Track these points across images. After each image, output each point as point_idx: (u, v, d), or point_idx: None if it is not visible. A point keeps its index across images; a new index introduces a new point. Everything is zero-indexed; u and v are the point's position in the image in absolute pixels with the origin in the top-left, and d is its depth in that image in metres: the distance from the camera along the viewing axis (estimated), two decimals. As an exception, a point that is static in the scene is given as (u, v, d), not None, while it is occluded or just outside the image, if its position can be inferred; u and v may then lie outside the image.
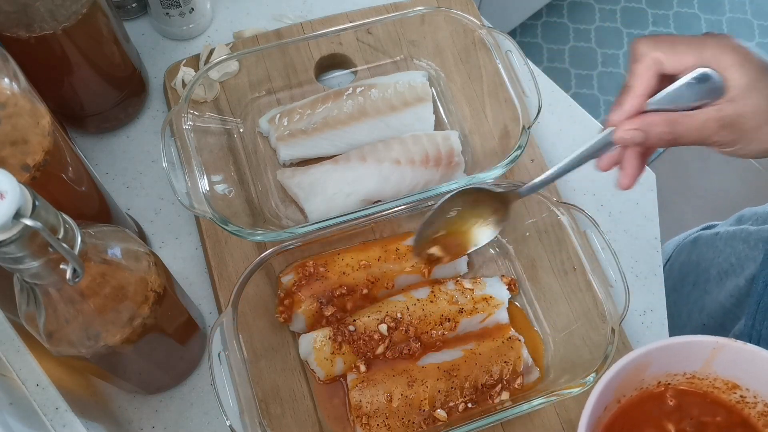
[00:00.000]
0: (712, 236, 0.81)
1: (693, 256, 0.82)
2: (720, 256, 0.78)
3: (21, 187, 0.33)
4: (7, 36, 0.55)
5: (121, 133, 0.72)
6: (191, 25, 0.77)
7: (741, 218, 0.82)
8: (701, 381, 0.49)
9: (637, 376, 0.48)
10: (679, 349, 0.47)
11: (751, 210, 0.81)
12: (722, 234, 0.80)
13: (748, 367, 0.46)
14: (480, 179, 0.62)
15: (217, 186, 0.62)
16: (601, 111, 1.84)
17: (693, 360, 0.48)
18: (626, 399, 0.49)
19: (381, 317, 0.60)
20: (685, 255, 0.83)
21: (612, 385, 0.45)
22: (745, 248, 0.74)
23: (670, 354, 0.47)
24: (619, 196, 0.73)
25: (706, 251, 0.80)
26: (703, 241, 0.82)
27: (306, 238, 0.59)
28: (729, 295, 0.74)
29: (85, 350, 0.45)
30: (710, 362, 0.47)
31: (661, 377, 0.49)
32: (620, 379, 0.46)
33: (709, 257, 0.80)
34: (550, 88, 0.79)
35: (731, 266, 0.76)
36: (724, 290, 0.75)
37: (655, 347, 0.46)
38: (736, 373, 0.47)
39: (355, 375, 0.58)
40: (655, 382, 0.49)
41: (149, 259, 0.47)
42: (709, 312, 0.78)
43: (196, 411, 0.60)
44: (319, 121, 0.69)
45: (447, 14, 0.70)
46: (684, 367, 0.48)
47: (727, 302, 0.74)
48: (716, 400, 0.49)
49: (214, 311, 0.65)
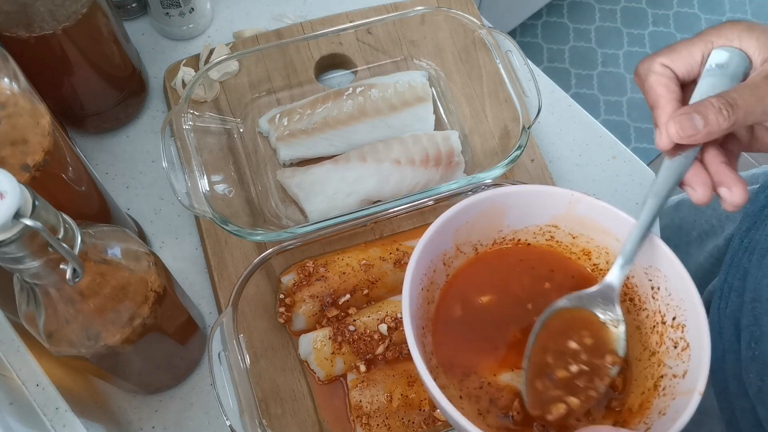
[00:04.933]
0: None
1: (676, 219, 0.82)
2: (702, 218, 0.78)
3: (21, 187, 0.33)
4: (7, 36, 0.55)
5: (121, 133, 0.72)
6: (191, 25, 0.77)
7: None
8: (559, 245, 0.49)
9: (494, 223, 0.47)
10: (536, 198, 0.47)
11: None
12: None
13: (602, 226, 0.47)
14: (480, 179, 0.62)
15: (217, 186, 0.62)
16: (601, 111, 1.84)
17: (550, 212, 0.48)
18: (483, 249, 0.49)
19: (381, 317, 0.60)
20: (668, 218, 0.84)
21: (462, 217, 0.44)
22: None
23: (527, 202, 0.47)
24: (619, 196, 0.73)
25: (689, 214, 0.81)
26: (686, 204, 0.83)
27: (306, 238, 0.59)
28: (709, 255, 0.75)
29: (85, 350, 0.45)
30: (566, 218, 0.47)
31: (520, 233, 0.48)
32: (472, 216, 0.45)
33: (691, 220, 0.80)
34: (550, 88, 0.79)
35: (712, 227, 0.76)
36: (705, 251, 0.76)
37: (509, 190, 0.46)
38: (590, 233, 0.48)
39: (355, 375, 0.58)
40: (513, 238, 0.49)
41: (149, 259, 0.47)
42: (690, 273, 0.78)
43: (196, 411, 0.60)
44: (319, 121, 0.69)
45: (447, 14, 0.70)
46: (542, 219, 0.48)
47: (706, 263, 0.75)
48: (571, 266, 0.50)
49: (214, 311, 0.65)
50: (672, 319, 0.46)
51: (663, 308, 0.46)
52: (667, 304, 0.46)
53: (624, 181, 0.74)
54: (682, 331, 0.45)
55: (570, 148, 0.75)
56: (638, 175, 0.74)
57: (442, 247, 0.46)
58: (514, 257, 0.50)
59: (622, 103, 1.86)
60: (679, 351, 0.44)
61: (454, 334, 0.47)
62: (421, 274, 0.44)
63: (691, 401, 0.40)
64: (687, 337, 0.44)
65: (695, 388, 0.40)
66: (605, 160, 0.75)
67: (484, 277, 0.49)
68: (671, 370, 0.44)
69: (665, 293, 0.46)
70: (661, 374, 0.45)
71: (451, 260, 0.48)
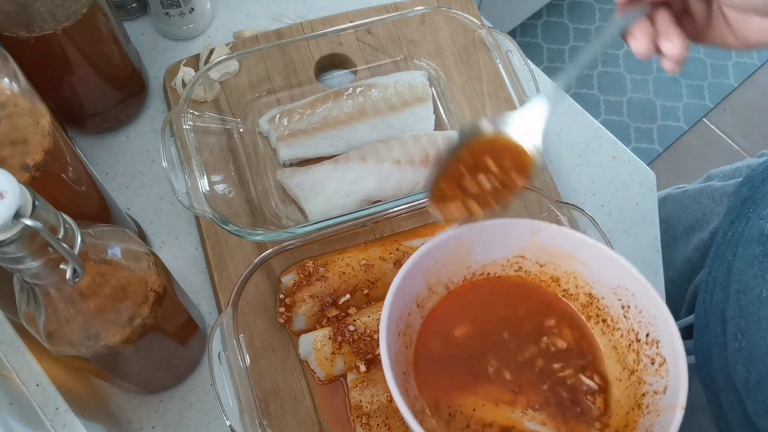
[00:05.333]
0: (680, 194, 0.83)
1: (662, 214, 0.82)
2: (687, 212, 0.79)
3: (21, 187, 0.33)
4: (7, 36, 0.55)
5: (121, 133, 0.72)
6: (191, 25, 0.77)
7: (709, 177, 0.83)
8: (527, 274, 0.50)
9: (462, 260, 0.48)
10: (500, 231, 0.48)
11: (718, 169, 0.83)
12: (690, 191, 0.81)
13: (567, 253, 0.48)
14: (480, 179, 0.62)
15: (217, 186, 0.62)
16: (601, 111, 1.84)
17: (516, 243, 0.48)
18: (455, 286, 0.49)
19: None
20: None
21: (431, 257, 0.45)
22: (711, 203, 0.76)
23: (492, 235, 0.48)
24: (619, 196, 0.73)
25: (674, 209, 0.82)
26: (672, 199, 0.83)
27: (306, 238, 0.59)
28: (695, 249, 0.75)
29: (85, 350, 0.45)
30: (532, 248, 0.48)
31: (489, 267, 0.49)
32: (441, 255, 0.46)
33: (676, 214, 0.81)
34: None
35: (697, 221, 0.77)
36: (691, 245, 0.77)
37: (473, 227, 0.46)
38: (557, 260, 0.49)
39: (355, 375, 0.58)
40: (483, 272, 0.49)
41: (149, 259, 0.47)
42: (677, 268, 0.79)
43: (196, 411, 0.60)
44: (319, 121, 0.69)
45: (447, 14, 0.70)
46: (509, 251, 0.49)
47: (693, 256, 0.75)
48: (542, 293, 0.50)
49: (214, 311, 0.65)
50: (645, 335, 0.46)
51: (636, 326, 0.47)
52: (639, 321, 0.47)
53: (624, 181, 0.74)
54: (657, 346, 0.45)
55: (570, 148, 0.75)
56: (638, 175, 0.74)
57: (414, 290, 0.47)
58: (486, 290, 0.51)
59: (622, 103, 1.86)
60: (656, 367, 0.45)
61: (436, 372, 0.47)
62: (396, 319, 0.45)
63: (674, 417, 0.40)
64: (662, 353, 0.45)
65: (677, 402, 0.41)
66: (605, 160, 0.75)
67: (459, 312, 0.50)
68: (652, 386, 0.45)
69: (636, 311, 0.47)
70: (642, 392, 0.45)
71: (425, 301, 0.48)
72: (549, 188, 0.69)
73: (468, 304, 0.50)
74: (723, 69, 1.93)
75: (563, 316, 0.50)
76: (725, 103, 1.89)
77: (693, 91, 1.90)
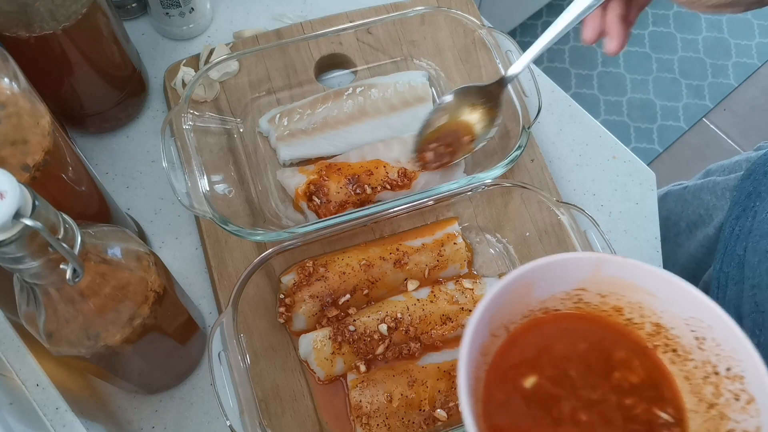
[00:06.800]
0: (681, 190, 0.83)
1: (663, 212, 0.82)
2: (689, 208, 0.79)
3: (21, 187, 0.33)
4: (7, 36, 0.55)
5: (121, 133, 0.72)
6: (191, 25, 0.77)
7: (708, 172, 0.83)
8: (588, 306, 0.48)
9: (523, 300, 0.46)
10: (562, 267, 0.46)
11: (717, 164, 0.82)
12: (690, 187, 0.81)
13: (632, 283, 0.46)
14: (480, 179, 0.62)
15: (217, 186, 0.62)
16: (601, 111, 1.84)
17: (576, 278, 0.47)
18: (515, 327, 0.47)
19: (381, 317, 0.60)
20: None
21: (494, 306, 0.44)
22: (713, 198, 0.75)
23: (552, 273, 0.46)
24: (619, 196, 0.73)
25: (675, 205, 0.81)
26: (672, 195, 0.83)
27: (306, 238, 0.59)
28: (699, 245, 0.75)
29: (85, 350, 0.45)
30: (594, 281, 0.47)
31: (548, 302, 0.48)
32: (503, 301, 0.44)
33: (678, 211, 0.81)
34: (550, 88, 0.79)
35: (700, 217, 0.77)
36: (695, 241, 0.76)
37: (534, 265, 0.45)
38: (620, 291, 0.47)
39: (355, 375, 0.58)
40: (542, 308, 0.48)
41: (149, 259, 0.47)
42: (682, 264, 0.79)
43: (196, 411, 0.60)
44: (319, 121, 0.69)
45: (447, 14, 0.70)
46: (569, 286, 0.47)
47: (698, 253, 0.75)
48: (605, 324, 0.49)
49: (214, 311, 0.65)
50: (726, 369, 0.44)
51: (713, 358, 0.44)
52: (717, 354, 0.44)
53: (624, 181, 0.74)
54: (741, 382, 0.43)
55: (570, 148, 0.75)
56: (638, 175, 0.74)
57: (480, 339, 0.44)
58: (546, 327, 0.49)
59: (622, 103, 1.86)
60: (743, 404, 0.42)
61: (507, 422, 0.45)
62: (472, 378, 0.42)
63: None
64: (748, 389, 0.42)
65: None
66: (605, 160, 0.75)
67: (522, 355, 0.47)
68: (739, 425, 0.42)
69: (712, 343, 0.44)
70: (727, 428, 0.43)
71: (488, 348, 0.46)
72: (549, 188, 0.69)
73: (530, 345, 0.48)
74: (723, 69, 1.93)
75: (631, 346, 0.48)
76: (725, 103, 1.89)
77: (693, 91, 1.90)
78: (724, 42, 1.97)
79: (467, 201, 0.66)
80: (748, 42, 1.98)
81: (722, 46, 1.97)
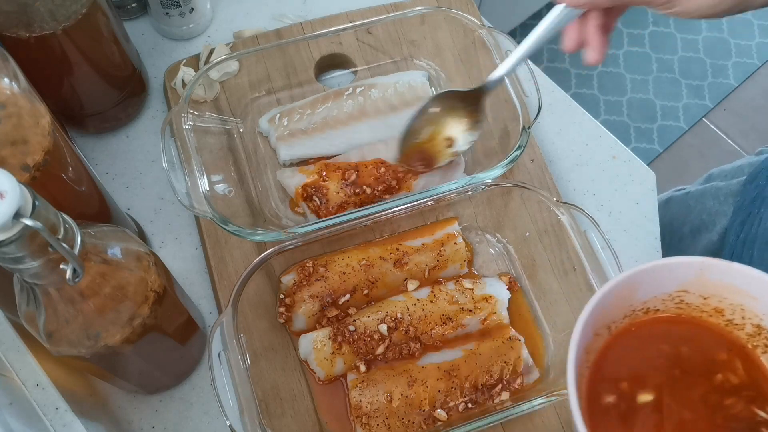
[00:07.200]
0: (683, 196, 0.83)
1: (665, 217, 0.82)
2: (691, 213, 0.79)
3: (21, 187, 0.33)
4: (7, 36, 0.55)
5: (121, 133, 0.72)
6: (191, 25, 0.77)
7: (710, 177, 0.83)
8: (689, 306, 0.49)
9: (626, 301, 0.47)
10: (668, 271, 0.47)
11: (718, 169, 0.83)
12: (693, 193, 0.81)
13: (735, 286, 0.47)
14: (480, 179, 0.62)
15: (217, 186, 0.62)
16: (601, 111, 1.84)
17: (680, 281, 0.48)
18: (616, 326, 0.48)
19: (381, 317, 0.60)
20: (659, 216, 0.85)
21: (600, 307, 0.45)
22: (716, 204, 0.76)
23: (657, 276, 0.47)
24: (619, 196, 0.73)
25: (678, 211, 0.81)
26: (675, 201, 0.83)
27: (306, 238, 0.59)
28: (703, 250, 0.75)
29: (85, 350, 0.45)
30: (697, 283, 0.47)
31: (649, 303, 0.48)
32: (608, 303, 0.45)
33: (681, 216, 0.81)
34: (550, 88, 0.79)
35: (703, 222, 0.77)
36: (699, 247, 0.76)
37: (641, 269, 0.46)
38: (722, 293, 0.48)
39: (355, 375, 0.58)
40: (643, 308, 0.49)
41: (149, 259, 0.47)
42: None
43: (196, 411, 0.60)
44: (319, 121, 0.69)
45: (447, 14, 0.70)
46: (672, 288, 0.48)
47: None
48: (704, 325, 0.49)
49: (214, 311, 0.65)
50: None
51: None
52: None
53: (624, 181, 0.74)
54: None
55: (570, 148, 0.75)
56: (638, 175, 0.74)
57: (586, 338, 0.46)
58: (647, 327, 0.50)
59: (622, 103, 1.86)
60: None
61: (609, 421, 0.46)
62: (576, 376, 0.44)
63: None
64: None
65: None
66: (605, 160, 0.75)
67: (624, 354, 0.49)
68: None
69: None
70: None
71: (591, 347, 0.47)
72: (549, 188, 0.69)
73: (631, 346, 0.49)
74: (723, 69, 1.93)
75: (731, 347, 0.49)
76: (725, 103, 1.89)
77: (693, 91, 1.90)
78: (724, 42, 1.97)
79: (467, 201, 0.66)
80: (748, 42, 1.98)
81: (722, 46, 1.97)
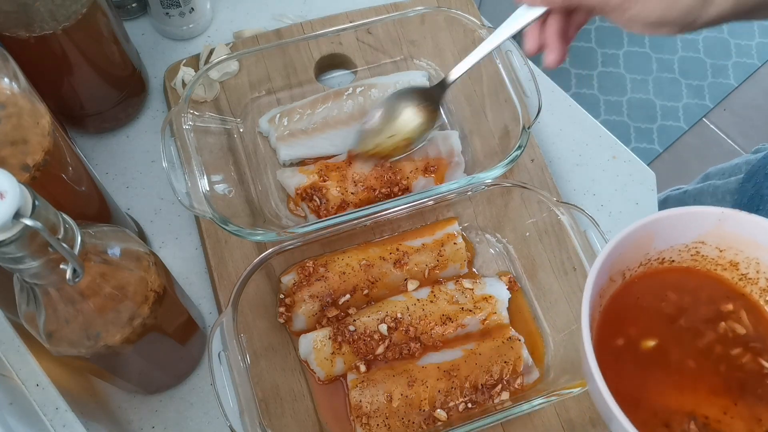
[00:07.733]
0: (681, 194, 0.83)
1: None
2: None
3: (21, 187, 0.33)
4: (7, 36, 0.55)
5: (121, 133, 0.72)
6: (191, 25, 0.77)
7: (707, 176, 0.83)
8: (704, 259, 0.49)
9: (642, 248, 0.48)
10: (685, 219, 0.48)
11: (716, 167, 0.83)
12: (690, 191, 0.81)
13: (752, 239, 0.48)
14: (480, 179, 0.62)
15: (217, 186, 0.62)
16: (601, 111, 1.84)
17: (697, 231, 0.48)
18: (631, 273, 0.49)
19: (381, 317, 0.60)
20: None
21: (618, 251, 0.45)
22: (713, 202, 0.76)
23: (675, 224, 0.48)
24: (619, 196, 0.73)
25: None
26: (672, 200, 0.83)
27: (306, 238, 0.59)
28: None
29: (85, 350, 0.45)
30: (714, 235, 0.48)
31: (665, 253, 0.49)
32: (626, 248, 0.46)
33: None
34: (550, 88, 0.79)
35: None
36: None
37: (662, 215, 0.46)
38: (739, 246, 0.48)
39: (355, 375, 0.58)
40: (659, 258, 0.49)
41: (149, 259, 0.47)
42: None
43: (196, 411, 0.60)
44: (319, 120, 0.69)
45: (447, 14, 0.70)
46: (689, 238, 0.49)
47: None
48: (716, 278, 0.50)
49: (214, 311, 0.65)
50: None
51: None
52: None
53: (624, 181, 0.74)
54: None
55: (570, 148, 0.75)
56: (638, 175, 0.74)
57: (600, 282, 0.46)
58: (661, 276, 0.50)
59: (622, 103, 1.86)
60: None
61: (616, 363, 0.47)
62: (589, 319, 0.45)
63: None
64: None
65: None
66: (605, 160, 0.75)
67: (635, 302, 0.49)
68: None
69: None
70: None
71: (605, 291, 0.48)
72: (549, 188, 0.69)
73: (643, 293, 0.50)
74: (723, 69, 1.93)
75: (740, 300, 0.50)
76: (725, 103, 1.89)
77: (693, 91, 1.90)
78: (724, 42, 1.97)
79: (467, 201, 0.66)
80: (748, 42, 1.98)
81: (722, 46, 1.97)
